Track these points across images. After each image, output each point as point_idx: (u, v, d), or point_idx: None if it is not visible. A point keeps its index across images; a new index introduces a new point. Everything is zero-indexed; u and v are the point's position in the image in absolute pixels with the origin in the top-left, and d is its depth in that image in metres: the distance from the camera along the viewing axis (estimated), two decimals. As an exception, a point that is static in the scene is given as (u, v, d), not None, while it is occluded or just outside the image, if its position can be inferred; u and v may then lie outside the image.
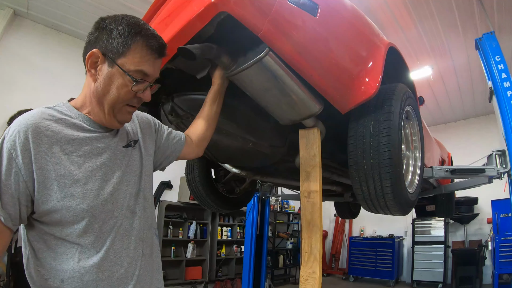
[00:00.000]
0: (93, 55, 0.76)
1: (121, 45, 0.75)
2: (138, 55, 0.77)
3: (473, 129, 6.70)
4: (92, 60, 0.77)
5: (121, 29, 0.76)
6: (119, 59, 0.76)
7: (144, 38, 0.77)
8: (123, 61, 0.76)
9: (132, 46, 0.76)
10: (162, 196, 5.52)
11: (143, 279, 0.82)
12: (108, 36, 0.76)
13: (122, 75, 0.76)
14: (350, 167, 1.29)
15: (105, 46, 0.76)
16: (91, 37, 0.79)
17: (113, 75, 0.76)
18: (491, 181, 2.45)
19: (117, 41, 0.75)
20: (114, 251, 0.77)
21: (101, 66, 0.77)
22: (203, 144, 1.18)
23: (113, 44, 0.75)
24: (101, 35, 0.77)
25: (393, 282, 6.16)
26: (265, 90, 1.10)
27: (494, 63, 2.56)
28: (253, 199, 4.06)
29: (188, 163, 2.16)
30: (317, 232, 1.18)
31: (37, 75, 4.33)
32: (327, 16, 1.15)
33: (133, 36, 0.76)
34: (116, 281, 0.76)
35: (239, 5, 0.88)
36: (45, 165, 0.71)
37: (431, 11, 3.98)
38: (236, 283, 5.81)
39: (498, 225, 4.87)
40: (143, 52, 0.77)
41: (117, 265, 0.77)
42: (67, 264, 0.72)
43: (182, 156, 1.11)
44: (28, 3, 4.07)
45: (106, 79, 0.76)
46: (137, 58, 0.77)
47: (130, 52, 0.76)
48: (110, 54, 0.76)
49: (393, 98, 1.29)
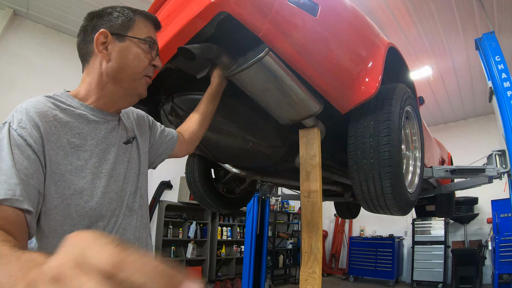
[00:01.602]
0: (101, 35, 0.77)
1: (126, 21, 0.81)
2: (143, 25, 0.83)
3: (473, 129, 6.70)
4: (100, 41, 0.77)
5: (119, 10, 0.82)
6: (128, 32, 0.80)
7: (142, 13, 0.85)
8: (132, 34, 0.81)
9: (135, 20, 0.82)
10: (162, 196, 5.51)
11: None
12: (109, 18, 0.80)
13: (136, 44, 0.81)
14: (350, 167, 1.29)
15: (110, 25, 0.79)
16: (88, 28, 0.80)
17: (128, 47, 0.80)
18: (491, 181, 2.46)
19: (121, 19, 0.80)
20: None
21: (112, 45, 0.79)
22: (194, 142, 1.17)
23: (118, 22, 0.80)
24: (100, 21, 0.80)
25: (393, 282, 6.16)
26: (265, 90, 1.10)
27: (494, 63, 2.56)
28: (253, 199, 4.05)
29: (188, 163, 2.16)
30: (317, 232, 1.19)
31: (37, 75, 4.33)
32: (327, 16, 1.15)
33: (133, 13, 0.83)
34: None
35: (239, 5, 0.88)
36: (55, 158, 0.68)
37: (431, 11, 3.98)
38: (236, 283, 5.81)
39: (498, 225, 4.88)
40: (146, 23, 0.84)
41: None
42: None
43: (173, 154, 1.10)
44: (28, 3, 4.07)
45: (122, 53, 0.79)
46: (143, 28, 0.83)
47: (135, 25, 0.82)
48: (118, 30, 0.79)
49: (393, 98, 1.29)
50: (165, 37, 1.02)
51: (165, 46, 1.01)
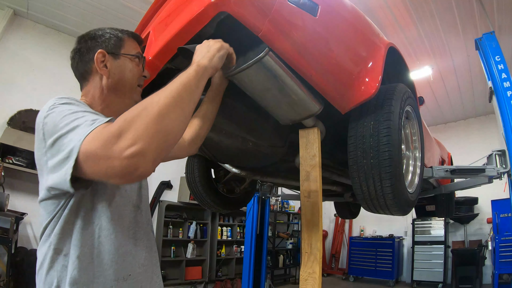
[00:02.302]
0: (100, 54, 0.87)
1: (117, 40, 0.92)
2: (131, 43, 0.95)
3: (473, 129, 6.70)
4: (100, 60, 0.88)
5: (109, 31, 0.93)
6: (121, 50, 0.92)
7: (128, 33, 0.97)
8: (124, 51, 0.93)
9: (124, 39, 0.94)
10: (162, 196, 5.51)
11: (145, 272, 0.85)
12: (102, 40, 0.90)
13: (129, 60, 0.93)
14: (350, 167, 1.29)
15: (105, 46, 0.90)
16: (82, 49, 0.90)
17: (123, 63, 0.92)
18: (491, 181, 2.46)
19: (113, 39, 0.91)
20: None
21: (110, 62, 0.89)
22: (196, 143, 1.18)
23: (111, 42, 0.91)
24: (94, 42, 0.90)
25: (393, 282, 6.17)
26: (265, 90, 1.10)
27: (494, 63, 2.56)
28: (253, 199, 4.06)
29: (188, 163, 2.16)
30: (317, 232, 1.19)
31: (37, 75, 4.33)
32: (327, 16, 1.15)
33: (121, 33, 0.94)
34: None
35: (239, 5, 0.88)
36: None
37: (431, 11, 3.98)
38: (236, 283, 5.81)
39: (498, 225, 4.88)
40: (132, 41, 0.96)
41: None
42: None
43: (174, 156, 1.12)
44: (28, 3, 4.07)
45: (119, 68, 0.90)
46: (132, 45, 0.95)
47: (125, 44, 0.93)
48: (113, 49, 0.90)
49: (393, 98, 1.29)
50: (165, 37, 1.02)
51: (165, 46, 1.01)
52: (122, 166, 0.56)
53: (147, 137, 0.57)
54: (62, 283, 0.71)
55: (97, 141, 0.59)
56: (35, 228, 3.98)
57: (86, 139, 0.60)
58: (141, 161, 0.57)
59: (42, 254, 0.74)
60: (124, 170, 0.56)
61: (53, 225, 0.74)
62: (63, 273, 0.71)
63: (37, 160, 0.74)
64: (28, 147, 3.83)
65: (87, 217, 0.74)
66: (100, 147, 0.58)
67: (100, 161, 0.57)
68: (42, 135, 0.70)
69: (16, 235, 3.44)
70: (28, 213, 3.77)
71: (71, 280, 0.70)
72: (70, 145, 0.62)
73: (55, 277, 0.71)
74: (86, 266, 0.72)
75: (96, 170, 0.59)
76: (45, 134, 0.69)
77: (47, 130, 0.69)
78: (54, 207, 0.74)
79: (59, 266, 0.72)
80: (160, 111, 0.60)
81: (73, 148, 0.61)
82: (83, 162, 0.60)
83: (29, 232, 3.94)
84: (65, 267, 0.72)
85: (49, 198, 0.74)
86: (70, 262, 0.71)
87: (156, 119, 0.59)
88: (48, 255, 0.73)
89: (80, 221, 0.73)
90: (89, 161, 0.59)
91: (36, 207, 2.94)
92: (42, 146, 0.70)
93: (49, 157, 0.68)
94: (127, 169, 0.56)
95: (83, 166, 0.60)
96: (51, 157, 0.67)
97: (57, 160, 0.65)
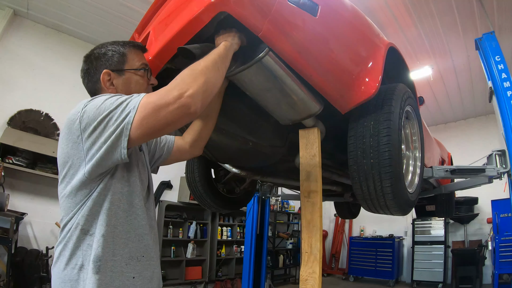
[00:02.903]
0: (105, 75, 0.93)
1: (120, 57, 0.96)
2: (135, 55, 0.98)
3: (473, 129, 6.69)
4: (106, 79, 0.93)
5: (111, 48, 0.96)
6: (125, 66, 0.96)
7: (129, 44, 1.00)
8: (128, 66, 0.96)
9: (127, 53, 0.97)
10: (162, 196, 5.52)
11: (157, 259, 0.94)
12: (106, 58, 0.95)
13: (134, 73, 0.97)
14: (350, 167, 1.29)
15: (108, 65, 0.94)
16: (90, 70, 0.96)
17: (128, 78, 0.96)
18: (491, 181, 2.45)
19: (116, 57, 0.95)
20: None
21: (116, 80, 0.94)
22: (199, 144, 1.20)
23: (114, 60, 0.95)
24: (99, 62, 0.95)
25: (393, 282, 6.16)
26: (265, 90, 1.10)
27: (494, 63, 2.56)
28: (253, 199, 4.06)
29: (188, 163, 2.15)
30: (317, 232, 1.19)
31: (37, 75, 4.33)
32: (327, 16, 1.15)
33: (122, 48, 0.97)
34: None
35: (239, 5, 0.88)
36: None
37: (431, 11, 3.98)
38: (236, 283, 5.81)
39: (498, 225, 4.87)
40: (136, 53, 0.99)
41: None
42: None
43: (174, 158, 1.19)
44: (28, 3, 4.07)
45: (125, 84, 0.95)
46: (136, 58, 0.98)
47: (128, 58, 0.97)
48: (117, 67, 0.95)
49: (393, 98, 1.29)
50: (165, 37, 1.02)
51: (165, 46, 1.01)
52: (179, 108, 0.75)
53: (195, 85, 0.78)
54: (86, 262, 0.79)
55: (154, 96, 0.77)
56: (35, 228, 3.98)
57: (143, 100, 0.77)
58: (193, 102, 0.77)
59: (66, 238, 0.82)
60: (181, 111, 0.76)
61: (81, 208, 0.82)
62: (87, 251, 0.80)
63: (66, 156, 0.82)
64: (28, 147, 3.83)
65: (112, 199, 0.83)
66: (158, 99, 0.76)
67: (161, 110, 0.75)
68: (77, 126, 0.79)
69: (16, 235, 3.44)
70: (28, 213, 3.77)
71: (95, 257, 0.78)
72: (126, 110, 0.76)
73: (80, 257, 0.80)
74: (108, 244, 0.80)
75: (156, 121, 0.75)
76: (82, 123, 0.78)
77: (87, 117, 0.78)
78: (82, 197, 0.82)
79: (84, 245, 0.80)
80: (203, 70, 0.82)
81: (130, 111, 0.76)
82: (142, 120, 0.75)
83: (29, 232, 3.93)
84: (90, 246, 0.80)
85: (80, 189, 0.81)
86: (95, 240, 0.80)
87: (201, 74, 0.80)
88: (73, 235, 0.81)
89: (107, 203, 0.82)
90: (149, 117, 0.75)
91: (36, 207, 2.97)
92: (76, 137, 0.79)
93: (92, 140, 0.78)
94: (183, 109, 0.76)
95: (141, 126, 0.76)
96: (96, 138, 0.78)
97: (108, 132, 0.77)
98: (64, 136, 0.83)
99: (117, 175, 0.86)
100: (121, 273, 0.81)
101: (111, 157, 0.79)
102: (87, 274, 0.78)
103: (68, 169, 0.83)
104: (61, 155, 0.85)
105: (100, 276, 0.77)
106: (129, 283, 0.82)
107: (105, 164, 0.80)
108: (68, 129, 0.82)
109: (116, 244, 0.82)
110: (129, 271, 0.83)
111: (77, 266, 0.79)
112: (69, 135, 0.81)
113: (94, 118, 0.78)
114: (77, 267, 0.79)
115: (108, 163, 0.80)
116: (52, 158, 3.90)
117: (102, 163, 0.79)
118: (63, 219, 0.84)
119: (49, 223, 3.93)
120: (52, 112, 4.20)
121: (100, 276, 0.77)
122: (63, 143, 0.83)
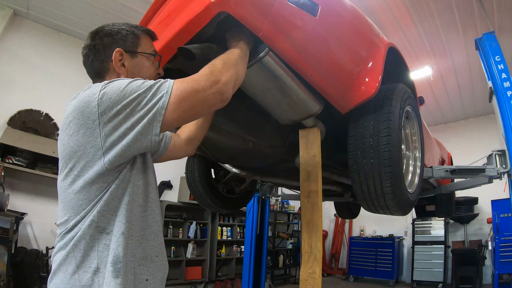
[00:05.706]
0: (117, 53, 0.86)
1: (134, 39, 0.91)
2: (146, 41, 0.95)
3: (473, 129, 6.69)
4: (117, 58, 0.87)
5: (125, 27, 0.91)
6: (138, 48, 0.92)
7: (143, 29, 0.96)
8: (141, 49, 0.92)
9: (140, 37, 0.93)
10: (162, 196, 5.52)
11: (166, 260, 0.91)
12: (120, 37, 0.89)
13: (147, 58, 0.93)
14: (350, 167, 1.29)
15: (122, 44, 0.89)
16: (98, 46, 0.87)
17: (140, 61, 0.91)
18: (491, 181, 2.45)
19: (130, 37, 0.90)
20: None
21: (128, 61, 0.89)
22: (194, 143, 1.19)
23: (129, 40, 0.90)
24: (111, 39, 0.88)
25: (393, 282, 6.16)
26: (265, 90, 1.10)
27: (494, 63, 2.55)
28: (253, 199, 4.05)
29: (188, 163, 2.16)
30: (317, 232, 1.19)
31: (37, 75, 4.33)
32: (327, 16, 1.15)
33: (137, 30, 0.93)
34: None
35: (239, 5, 0.88)
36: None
37: (431, 11, 3.98)
38: (236, 283, 5.81)
39: (498, 225, 4.87)
40: (148, 39, 0.96)
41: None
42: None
43: (170, 155, 1.14)
44: (28, 3, 4.07)
45: (137, 67, 0.90)
46: (148, 43, 0.95)
47: (141, 42, 0.93)
48: (130, 48, 0.90)
49: (393, 98, 1.29)
50: (165, 37, 1.02)
51: (165, 46, 1.01)
52: (215, 93, 0.77)
53: (228, 74, 0.81)
54: (102, 264, 0.70)
55: (188, 81, 0.77)
56: (35, 228, 3.98)
57: (177, 85, 0.75)
58: (226, 89, 0.79)
59: (75, 239, 0.71)
60: (216, 97, 0.78)
61: (97, 204, 0.73)
62: (103, 252, 0.71)
63: (75, 145, 0.72)
64: (28, 147, 3.83)
65: (132, 192, 0.77)
66: (195, 83, 0.76)
67: (198, 94, 0.75)
68: (94, 109, 0.70)
69: (16, 235, 3.43)
70: (28, 213, 3.77)
71: (114, 258, 0.70)
72: (158, 94, 0.73)
73: (95, 259, 0.71)
74: (128, 244, 0.73)
75: (191, 105, 0.75)
76: (101, 106, 0.70)
77: (108, 99, 0.70)
78: (98, 192, 0.73)
79: (100, 245, 0.72)
80: (233, 62, 0.85)
81: (163, 95, 0.73)
82: (179, 103, 0.74)
83: (29, 232, 3.93)
84: (106, 246, 0.72)
85: (96, 182, 0.72)
86: (113, 239, 0.72)
87: (232, 65, 0.83)
88: (86, 235, 0.71)
89: (126, 197, 0.76)
90: (186, 100, 0.74)
91: (36, 207, 2.96)
92: (92, 122, 0.71)
93: (113, 126, 0.71)
94: (218, 95, 0.78)
95: (176, 109, 0.73)
96: (119, 123, 0.71)
97: (137, 117, 0.71)
98: (72, 122, 0.73)
99: (136, 166, 0.80)
100: (134, 275, 0.74)
101: (139, 145, 0.72)
102: (103, 279, 0.69)
103: (77, 161, 0.73)
104: (67, 145, 0.74)
105: (121, 280, 0.69)
106: (142, 286, 0.75)
107: (130, 153, 0.73)
108: (79, 113, 0.71)
109: (134, 243, 0.75)
110: (142, 272, 0.76)
111: (90, 270, 0.70)
112: (81, 119, 0.71)
113: (117, 101, 0.70)
114: (91, 270, 0.70)
115: (133, 151, 0.73)
116: (52, 158, 3.90)
117: (127, 151, 0.72)
118: (70, 219, 0.73)
119: (49, 223, 3.92)
120: (52, 112, 4.20)
121: (121, 280, 0.69)
122: (71, 130, 0.73)
